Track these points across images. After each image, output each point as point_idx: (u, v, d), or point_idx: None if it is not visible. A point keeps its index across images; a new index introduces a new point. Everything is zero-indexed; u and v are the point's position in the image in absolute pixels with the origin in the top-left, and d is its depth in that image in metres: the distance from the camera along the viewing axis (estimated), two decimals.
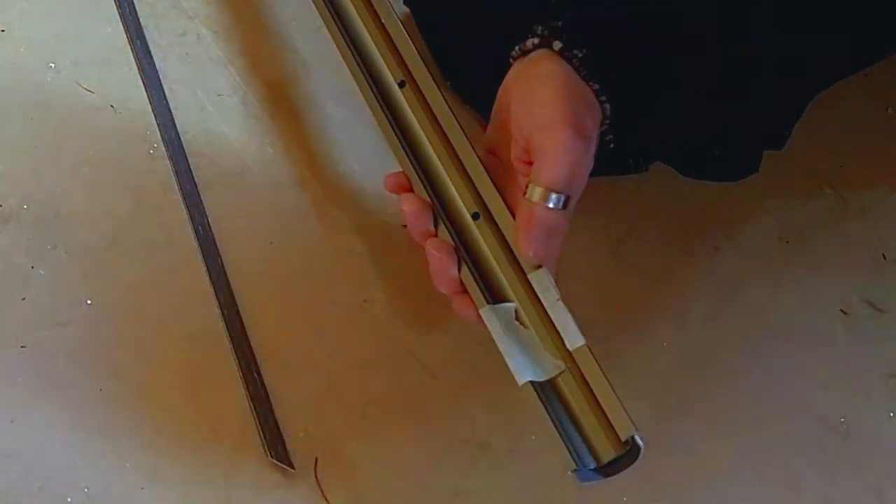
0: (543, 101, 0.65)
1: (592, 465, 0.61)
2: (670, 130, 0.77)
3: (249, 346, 0.85)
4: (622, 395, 0.84)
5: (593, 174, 0.88)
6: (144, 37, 0.99)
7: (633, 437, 0.60)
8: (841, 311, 0.89)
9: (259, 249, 0.90)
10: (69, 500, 0.79)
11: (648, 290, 0.89)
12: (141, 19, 0.99)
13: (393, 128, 0.72)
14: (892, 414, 0.84)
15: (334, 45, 0.78)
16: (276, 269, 0.89)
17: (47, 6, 1.00)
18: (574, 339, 0.62)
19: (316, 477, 0.81)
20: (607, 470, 0.62)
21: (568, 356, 0.63)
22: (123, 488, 0.79)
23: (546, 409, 0.62)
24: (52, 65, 0.97)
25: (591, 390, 0.61)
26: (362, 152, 0.95)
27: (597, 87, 0.67)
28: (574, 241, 0.90)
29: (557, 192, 0.63)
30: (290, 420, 0.83)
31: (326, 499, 0.80)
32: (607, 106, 0.67)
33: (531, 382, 0.63)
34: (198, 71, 0.98)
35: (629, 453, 0.61)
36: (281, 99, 0.97)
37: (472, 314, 0.68)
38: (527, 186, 0.64)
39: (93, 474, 0.80)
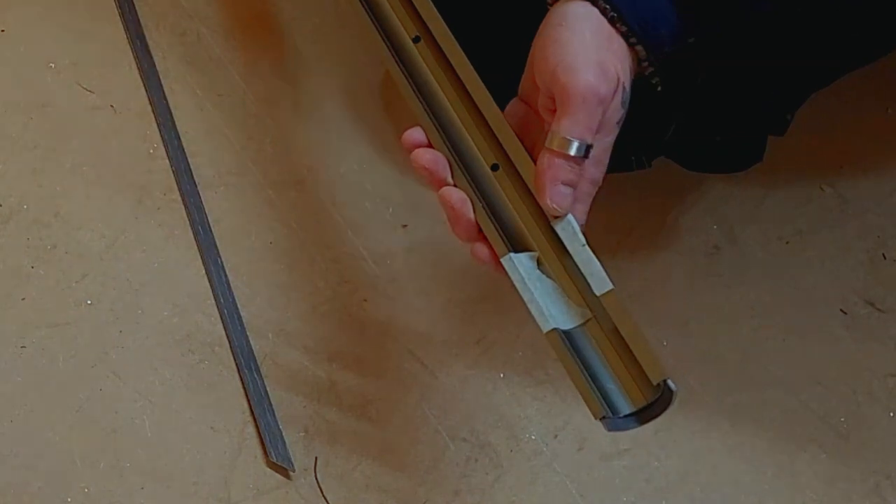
0: (564, 43, 0.63)
1: (626, 412, 0.60)
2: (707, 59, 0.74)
3: (249, 346, 0.85)
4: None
5: None
6: (144, 37, 0.99)
7: (665, 382, 0.58)
8: (841, 310, 0.89)
9: (259, 249, 0.90)
10: (69, 500, 0.79)
11: (648, 290, 0.89)
12: (141, 19, 1.00)
13: (410, 83, 0.71)
14: (892, 414, 0.84)
15: (350, 8, 0.77)
16: (276, 269, 0.89)
17: (47, 6, 1.00)
18: (602, 284, 0.60)
19: (316, 477, 0.81)
20: (642, 416, 0.60)
21: (595, 303, 0.62)
22: (123, 488, 0.79)
23: (571, 357, 0.61)
24: (52, 65, 0.97)
25: (619, 337, 0.60)
26: (362, 152, 0.95)
27: (623, 29, 0.64)
28: None
29: (578, 139, 0.61)
30: (290, 420, 0.83)
31: (326, 499, 0.80)
32: (639, 48, 0.65)
33: (555, 330, 0.62)
34: (198, 71, 0.98)
35: (662, 398, 0.59)
36: (281, 99, 0.97)
37: (489, 259, 0.66)
38: (549, 136, 0.62)
39: (93, 474, 0.80)
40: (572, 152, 0.62)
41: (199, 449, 0.81)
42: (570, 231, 0.62)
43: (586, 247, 0.61)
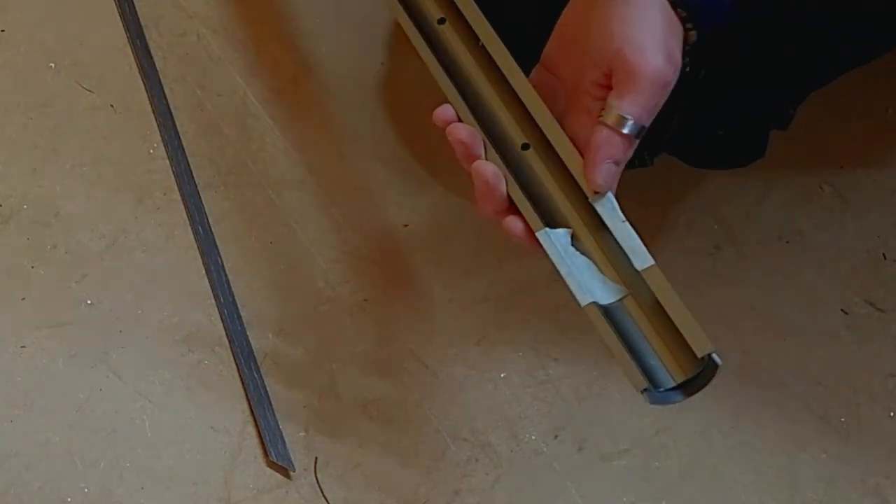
0: (633, 22, 0.62)
1: (669, 385, 0.59)
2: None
3: (249, 346, 0.85)
4: (621, 393, 0.85)
5: None
6: (144, 37, 0.99)
7: (710, 355, 0.58)
8: (841, 311, 0.88)
9: (259, 249, 0.90)
10: (69, 500, 0.79)
11: None
12: (141, 19, 0.99)
13: (438, 63, 0.71)
14: (892, 414, 0.84)
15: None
16: (276, 269, 0.89)
17: (47, 6, 1.00)
18: (643, 259, 0.60)
19: (316, 477, 0.81)
20: (686, 389, 0.60)
21: (634, 278, 0.61)
22: (123, 488, 0.79)
23: (611, 330, 0.61)
24: (52, 65, 0.97)
25: (660, 312, 0.60)
26: (362, 152, 0.95)
27: (683, 14, 0.64)
28: None
29: (635, 119, 0.62)
30: (290, 420, 0.83)
31: (326, 499, 0.80)
32: (693, 33, 0.65)
33: (594, 303, 0.62)
34: (198, 71, 0.98)
35: (706, 371, 0.59)
36: (281, 99, 0.97)
37: (523, 233, 0.65)
38: (601, 111, 0.62)
39: (93, 474, 0.80)
40: (627, 131, 0.62)
41: (199, 449, 0.81)
42: (610, 206, 0.62)
43: (626, 222, 0.61)
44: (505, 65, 0.68)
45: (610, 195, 0.63)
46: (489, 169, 0.65)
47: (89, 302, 0.86)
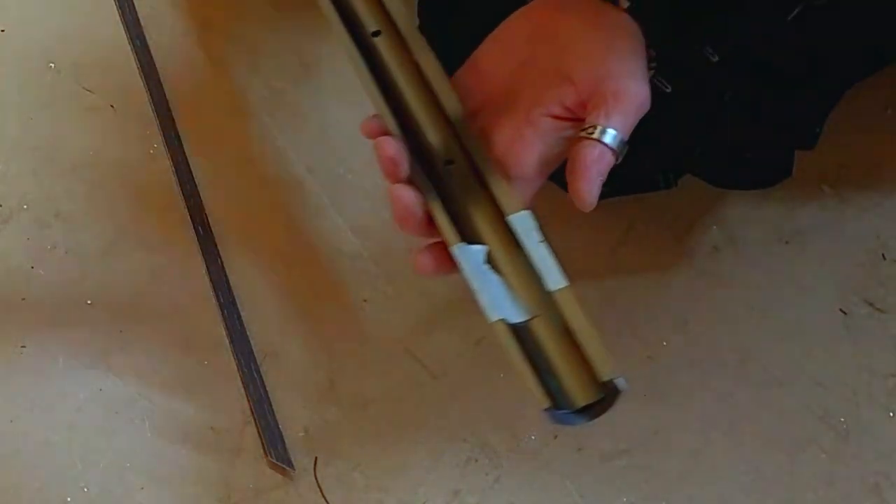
0: (620, 50, 0.65)
1: (572, 407, 0.60)
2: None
3: (249, 346, 0.85)
4: (622, 394, 0.85)
5: (623, 192, 0.88)
6: (144, 37, 0.99)
7: (613, 381, 0.59)
8: (841, 311, 0.88)
9: (259, 249, 0.90)
10: (69, 500, 0.79)
11: (648, 290, 0.89)
12: (141, 19, 0.99)
13: (371, 75, 0.71)
14: (892, 414, 0.84)
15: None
16: (276, 269, 0.89)
17: (47, 6, 1.00)
18: (556, 280, 0.60)
19: (316, 477, 0.81)
20: (589, 413, 0.60)
21: (546, 300, 0.62)
22: (123, 488, 0.79)
23: (518, 348, 0.61)
24: (52, 65, 0.97)
25: (569, 335, 0.60)
26: (362, 152, 0.95)
27: (647, 42, 0.67)
28: (574, 240, 0.90)
29: (622, 138, 0.63)
30: (290, 420, 0.83)
31: (326, 499, 0.80)
32: (652, 52, 0.68)
33: (503, 321, 0.62)
34: (198, 71, 0.98)
35: (608, 396, 0.59)
36: (281, 99, 0.97)
37: (434, 270, 0.65)
38: (588, 129, 0.63)
39: (93, 474, 0.80)
40: (617, 148, 0.63)
41: (199, 449, 0.81)
42: (528, 226, 0.62)
43: (543, 242, 0.61)
44: (435, 79, 0.68)
45: (529, 214, 0.63)
46: (408, 196, 0.66)
47: (89, 302, 0.86)
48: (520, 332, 0.61)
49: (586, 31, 0.66)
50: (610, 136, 0.63)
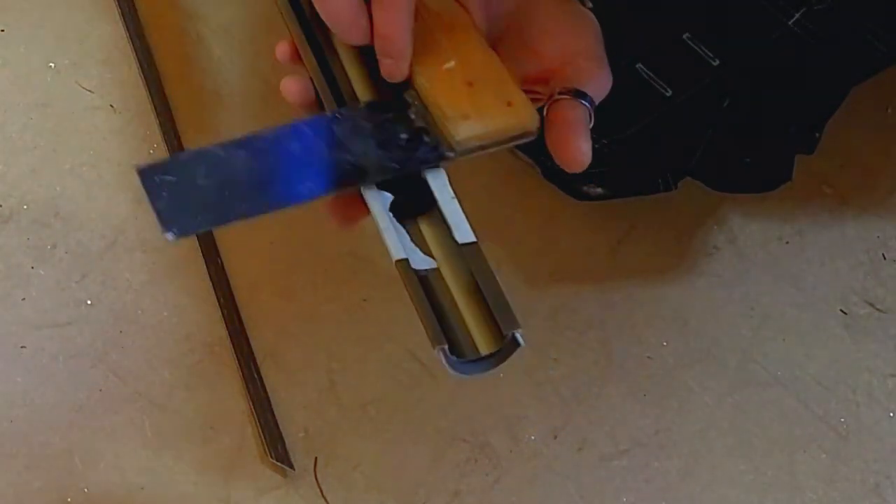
0: (591, 40, 0.65)
1: (470, 357, 0.59)
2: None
3: (249, 346, 0.85)
4: (621, 393, 0.85)
5: (623, 195, 0.88)
6: (144, 37, 0.99)
7: (514, 333, 0.59)
8: (841, 310, 0.88)
9: (259, 249, 0.90)
10: (69, 500, 0.79)
11: (648, 290, 0.89)
12: (141, 19, 0.99)
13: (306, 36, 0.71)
14: (892, 414, 0.84)
15: None
16: (276, 269, 0.89)
17: (47, 6, 1.00)
18: (465, 235, 0.60)
19: (316, 477, 0.81)
20: (484, 363, 0.60)
21: (452, 254, 0.61)
22: (123, 488, 0.79)
23: (420, 290, 0.61)
24: (52, 65, 0.97)
25: (475, 288, 0.60)
26: None
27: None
28: (574, 240, 0.90)
29: (594, 106, 0.63)
30: (290, 420, 0.83)
31: (326, 499, 0.80)
32: None
33: (407, 261, 0.62)
34: (198, 71, 0.98)
35: (506, 349, 0.59)
36: (281, 99, 0.97)
37: (342, 217, 0.66)
38: (564, 91, 0.63)
39: (93, 474, 0.80)
40: (592, 111, 0.63)
41: (199, 449, 0.81)
42: (442, 182, 0.62)
43: (455, 199, 0.61)
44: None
45: (442, 171, 0.63)
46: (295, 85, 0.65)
47: (89, 302, 0.86)
48: (424, 281, 0.61)
49: (558, 15, 0.66)
50: (587, 99, 0.62)
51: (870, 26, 0.78)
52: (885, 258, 0.91)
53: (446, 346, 0.58)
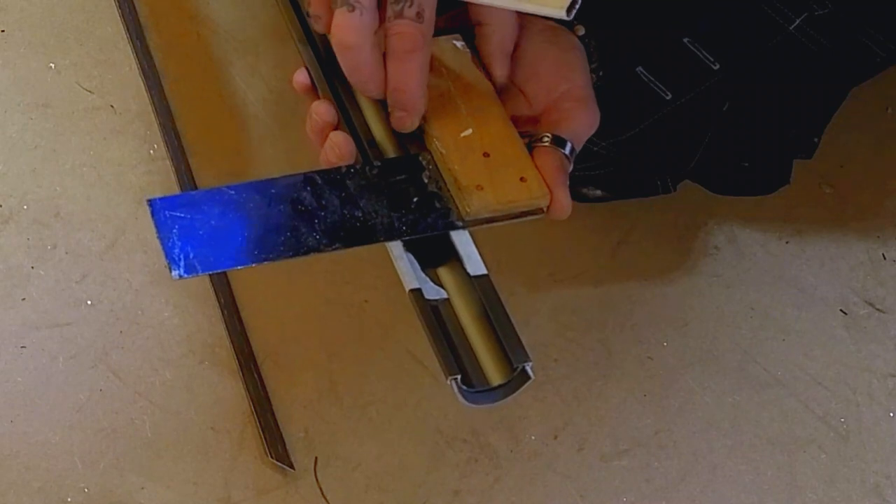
0: (577, 75, 0.65)
1: (481, 387, 0.60)
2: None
3: (249, 346, 0.85)
4: (621, 393, 0.85)
5: (622, 197, 0.88)
6: (144, 37, 0.99)
7: (524, 366, 0.59)
8: (841, 311, 0.89)
9: None
10: (69, 500, 0.79)
11: (648, 290, 0.89)
12: (141, 19, 1.00)
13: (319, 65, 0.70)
14: (892, 414, 0.85)
15: None
16: (276, 269, 0.89)
17: (47, 6, 1.00)
18: (477, 267, 0.61)
19: (316, 477, 0.81)
20: (494, 394, 0.60)
21: (464, 285, 0.61)
22: (123, 488, 0.79)
23: (433, 320, 0.60)
24: (52, 65, 0.97)
25: (485, 320, 0.60)
26: None
27: (594, 66, 0.68)
28: (574, 241, 0.90)
29: (574, 152, 0.63)
30: (290, 420, 0.83)
31: (326, 499, 0.80)
32: (594, 76, 0.68)
33: (420, 290, 0.61)
34: (198, 71, 0.98)
35: (515, 381, 0.60)
36: (281, 99, 0.97)
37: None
38: (543, 138, 0.63)
39: (93, 474, 0.80)
40: (571, 158, 0.63)
41: (199, 449, 0.81)
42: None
43: (466, 231, 0.61)
44: None
45: None
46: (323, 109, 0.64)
47: (89, 302, 0.86)
48: (436, 311, 0.61)
49: (546, 54, 0.66)
50: (568, 147, 0.63)
51: (870, 32, 0.78)
52: (885, 258, 0.91)
53: (459, 377, 0.58)
